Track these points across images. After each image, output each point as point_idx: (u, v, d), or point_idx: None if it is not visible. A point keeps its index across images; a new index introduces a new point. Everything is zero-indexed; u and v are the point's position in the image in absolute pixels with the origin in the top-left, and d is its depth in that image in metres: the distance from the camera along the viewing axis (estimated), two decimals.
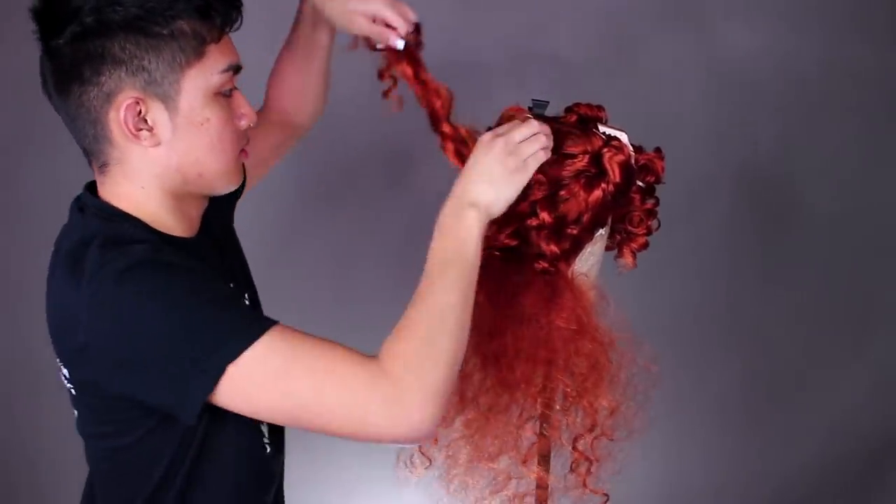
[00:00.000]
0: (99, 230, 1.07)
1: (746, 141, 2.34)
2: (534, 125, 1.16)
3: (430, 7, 2.12)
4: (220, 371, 0.99)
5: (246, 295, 1.27)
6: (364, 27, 1.22)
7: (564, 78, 2.16)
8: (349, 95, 2.15)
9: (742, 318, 2.46)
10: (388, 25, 1.21)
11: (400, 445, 1.31)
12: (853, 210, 2.43)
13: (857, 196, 2.43)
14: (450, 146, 1.21)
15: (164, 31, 1.04)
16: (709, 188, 2.33)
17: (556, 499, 1.32)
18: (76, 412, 1.17)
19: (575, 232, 1.21)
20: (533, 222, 1.20)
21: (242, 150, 1.15)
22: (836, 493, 2.59)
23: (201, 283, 1.04)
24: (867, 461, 2.60)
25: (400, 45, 1.21)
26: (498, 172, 1.12)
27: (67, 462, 2.09)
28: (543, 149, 1.16)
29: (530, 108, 1.26)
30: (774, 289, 2.45)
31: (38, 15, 1.06)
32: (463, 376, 1.27)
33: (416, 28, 1.23)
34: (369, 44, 1.25)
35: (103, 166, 1.10)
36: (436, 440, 1.31)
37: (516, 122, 1.17)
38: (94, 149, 1.10)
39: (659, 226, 1.30)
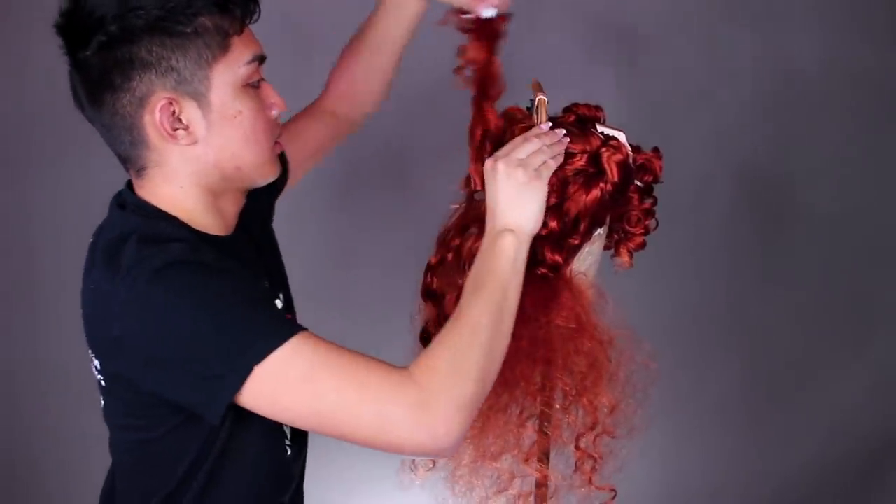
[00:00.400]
0: (138, 227, 1.09)
1: (746, 141, 2.34)
2: (534, 141, 1.16)
3: (434, 9, 2.14)
4: (246, 372, 1.00)
5: (280, 295, 1.28)
6: None
7: (564, 78, 2.17)
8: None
9: (742, 318, 2.46)
10: None
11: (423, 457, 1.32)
12: (853, 210, 2.43)
13: (857, 196, 2.43)
14: (478, 134, 1.22)
15: (188, 30, 1.05)
16: (709, 188, 2.34)
17: (561, 496, 1.32)
18: (103, 402, 1.18)
19: (577, 241, 1.22)
20: (542, 231, 1.19)
21: (276, 142, 1.16)
22: (836, 493, 2.59)
23: (234, 285, 1.05)
24: (867, 461, 2.60)
25: (490, 12, 1.20)
26: (513, 189, 1.13)
27: (73, 462, 2.10)
28: (553, 157, 1.16)
29: (528, 108, 1.27)
30: (774, 289, 2.45)
31: (62, 29, 1.07)
32: None
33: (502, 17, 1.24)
34: (458, 19, 1.25)
35: (141, 170, 1.11)
36: None
37: (517, 139, 1.17)
38: (131, 154, 1.11)
39: (657, 226, 1.31)
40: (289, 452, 1.21)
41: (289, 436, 1.21)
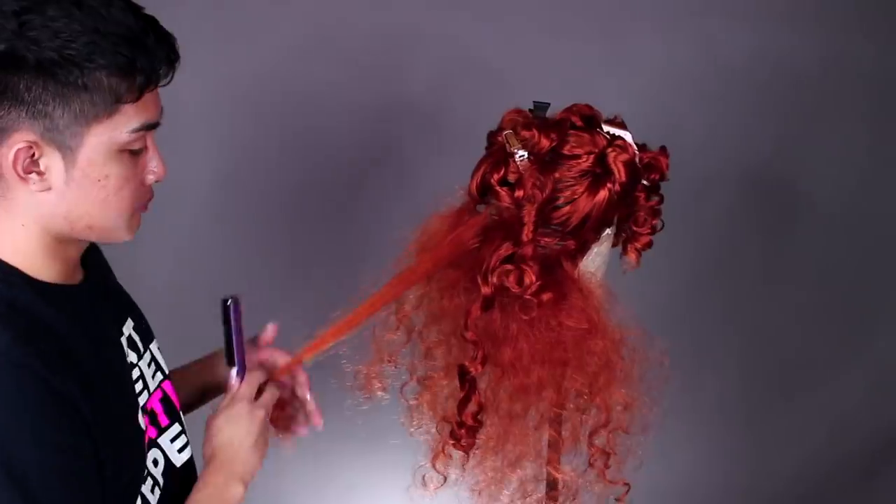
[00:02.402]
0: None
1: (746, 141, 2.34)
2: (252, 384, 1.20)
3: (434, 10, 2.14)
4: None
5: (145, 347, 1.20)
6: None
7: (564, 78, 2.17)
8: (349, 99, 2.15)
9: (742, 318, 2.46)
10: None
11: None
12: (854, 210, 2.43)
13: (858, 196, 2.43)
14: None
15: (78, 81, 0.95)
16: (709, 188, 2.34)
17: (581, 497, 1.32)
18: None
19: (528, 251, 1.20)
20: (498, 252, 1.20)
21: (143, 205, 1.07)
22: (836, 492, 2.59)
23: (54, 416, 0.95)
24: (867, 461, 2.60)
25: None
26: (251, 438, 1.17)
27: None
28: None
29: (531, 111, 1.26)
30: (775, 289, 2.45)
31: None
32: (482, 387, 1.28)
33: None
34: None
35: None
36: (468, 453, 1.31)
37: (237, 392, 1.19)
38: None
39: (663, 226, 1.30)
40: None
41: None
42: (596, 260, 1.26)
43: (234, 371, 1.21)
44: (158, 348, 1.24)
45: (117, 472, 1.03)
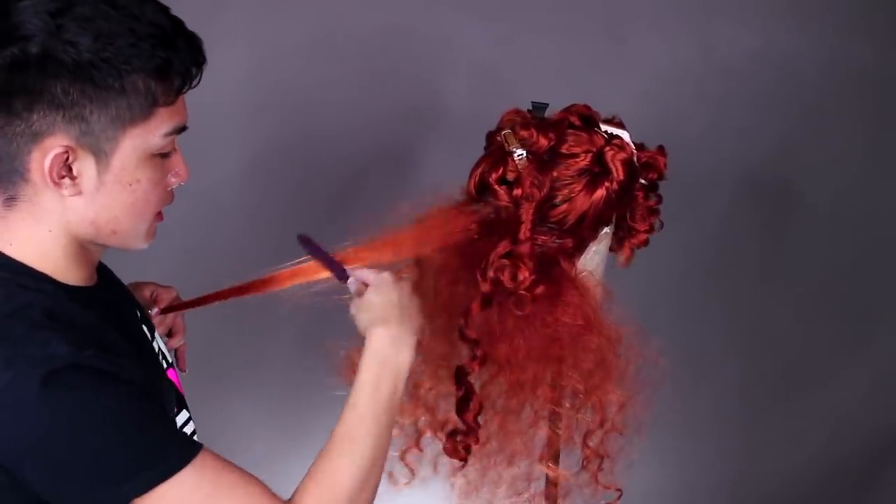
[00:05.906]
0: (9, 298, 0.98)
1: (746, 141, 2.34)
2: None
3: (433, 9, 2.14)
4: (147, 487, 0.96)
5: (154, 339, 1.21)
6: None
7: (564, 79, 2.17)
8: (350, 99, 2.16)
9: (742, 318, 2.46)
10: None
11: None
12: (853, 210, 2.43)
13: (858, 196, 2.43)
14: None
15: (115, 84, 0.94)
16: (709, 188, 2.34)
17: (572, 496, 1.32)
18: None
19: (525, 249, 1.21)
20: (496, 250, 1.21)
21: (159, 213, 1.08)
22: (837, 492, 2.59)
23: (130, 397, 0.97)
24: (867, 461, 2.60)
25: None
26: (410, 300, 1.17)
27: None
28: None
29: (530, 111, 1.27)
30: (774, 288, 2.45)
31: None
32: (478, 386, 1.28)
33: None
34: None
35: (10, 199, 1.00)
36: (467, 454, 1.31)
37: (365, 272, 1.19)
38: (2, 179, 1.00)
39: (662, 225, 1.31)
40: None
41: None
42: (594, 258, 1.27)
43: (349, 280, 1.20)
44: (160, 337, 1.25)
45: None
